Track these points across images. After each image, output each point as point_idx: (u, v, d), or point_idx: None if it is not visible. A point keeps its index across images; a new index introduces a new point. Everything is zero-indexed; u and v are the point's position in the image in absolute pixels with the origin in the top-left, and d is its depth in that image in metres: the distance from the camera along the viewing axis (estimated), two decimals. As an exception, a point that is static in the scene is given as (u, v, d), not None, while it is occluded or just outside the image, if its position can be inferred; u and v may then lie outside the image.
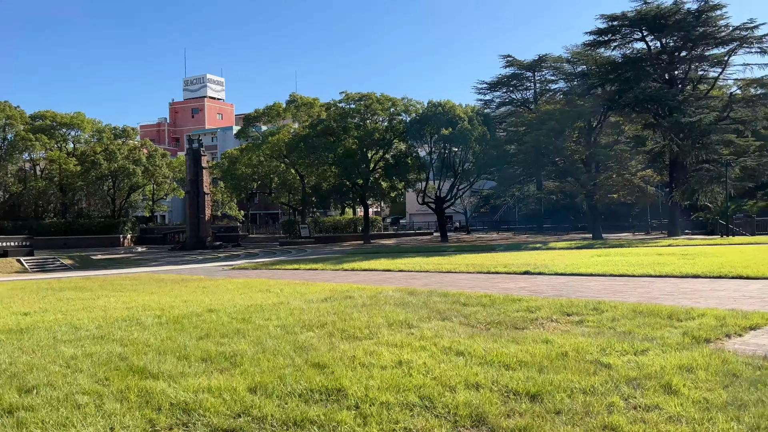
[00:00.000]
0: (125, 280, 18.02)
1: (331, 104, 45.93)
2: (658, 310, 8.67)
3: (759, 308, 9.16)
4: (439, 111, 43.62)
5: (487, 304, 10.05)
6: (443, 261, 21.76)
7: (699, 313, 8.36)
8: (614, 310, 8.84)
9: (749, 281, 13.09)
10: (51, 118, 56.14)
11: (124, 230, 58.47)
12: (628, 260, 18.82)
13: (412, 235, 57.41)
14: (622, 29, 43.18)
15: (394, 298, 10.87)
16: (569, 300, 10.13)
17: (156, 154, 59.80)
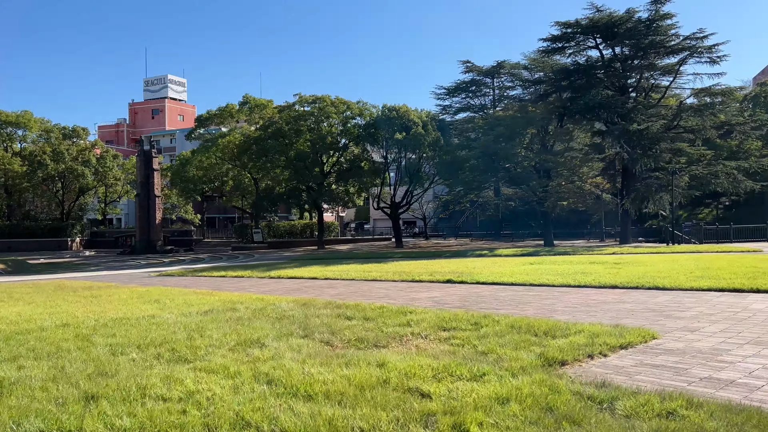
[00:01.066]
0: (25, 287, 16.95)
1: (285, 106, 45.07)
2: (538, 325, 8.11)
3: (648, 324, 8.69)
4: (393, 115, 43.12)
5: (372, 317, 9.41)
6: (376, 268, 21.11)
7: (578, 329, 7.82)
8: (494, 326, 8.26)
9: (661, 292, 12.73)
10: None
11: (73, 233, 56.66)
12: (557, 269, 18.42)
13: (370, 240, 56.76)
14: (576, 36, 43.24)
15: (277, 311, 10.16)
16: (460, 313, 9.53)
17: (107, 155, 58.16)
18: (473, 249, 35.57)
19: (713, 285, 13.06)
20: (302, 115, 43.30)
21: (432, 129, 43.75)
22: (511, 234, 57.78)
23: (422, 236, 62.12)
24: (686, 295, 12.13)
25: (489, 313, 9.35)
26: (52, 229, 55.65)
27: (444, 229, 71.99)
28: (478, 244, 47.14)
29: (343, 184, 44.28)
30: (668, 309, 10.28)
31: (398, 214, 46.67)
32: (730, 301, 11.06)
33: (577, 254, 27.77)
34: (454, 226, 71.94)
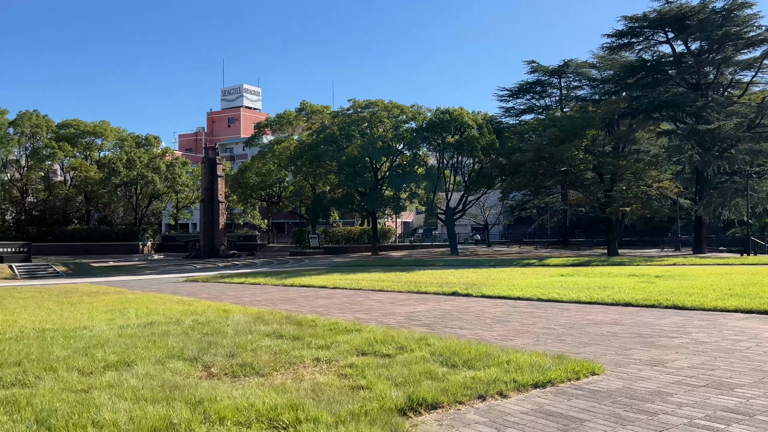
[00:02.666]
0: (28, 292, 17.21)
1: (339, 112, 44.89)
2: (467, 353, 6.94)
3: (616, 353, 7.33)
4: (446, 118, 41.90)
5: (303, 336, 8.53)
6: (392, 278, 20.13)
7: (505, 359, 6.59)
8: (418, 351, 7.17)
9: (675, 312, 11.08)
10: (75, 126, 57.47)
11: (144, 238, 59.03)
12: (582, 282, 16.74)
13: (429, 247, 55.49)
14: (644, 31, 40.41)
15: (215, 326, 9.48)
16: (401, 334, 8.45)
17: (177, 162, 60.29)
18: (524, 258, 33.70)
19: (742, 305, 11.21)
20: (355, 121, 42.90)
21: (488, 132, 42.16)
22: (580, 242, 54.84)
23: (484, 243, 60.15)
24: (700, 317, 10.44)
25: (428, 335, 8.21)
26: (125, 234, 58.23)
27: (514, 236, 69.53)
28: (539, 252, 44.86)
29: (396, 190, 43.43)
30: (660, 334, 8.75)
31: (453, 220, 45.22)
32: (745, 327, 9.32)
33: (629, 265, 25.53)
34: (524, 233, 69.40)
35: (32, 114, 55.92)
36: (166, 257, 54.57)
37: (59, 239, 55.61)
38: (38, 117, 56.18)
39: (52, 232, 55.89)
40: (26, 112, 55.66)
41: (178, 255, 55.76)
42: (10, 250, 37.02)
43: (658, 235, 53.83)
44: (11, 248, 37.33)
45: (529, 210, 57.89)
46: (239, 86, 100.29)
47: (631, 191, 35.16)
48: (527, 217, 67.20)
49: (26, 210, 58.70)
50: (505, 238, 70.88)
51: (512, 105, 55.09)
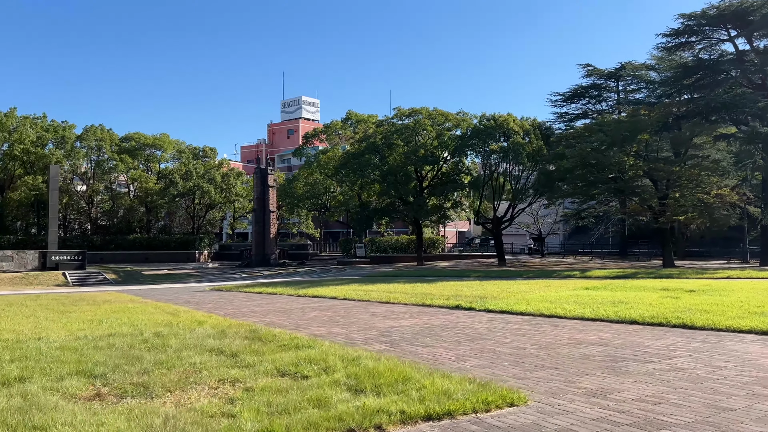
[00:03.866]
0: (44, 300, 17.63)
1: (383, 120, 44.59)
2: (388, 375, 6.30)
3: (566, 379, 6.49)
4: (491, 125, 40.80)
5: (243, 352, 8.10)
6: (410, 290, 19.47)
7: (425, 384, 5.92)
8: (344, 371, 6.58)
9: (676, 331, 9.96)
10: (137, 139, 59.82)
11: (201, 246, 60.59)
12: (603, 296, 15.54)
13: (479, 257, 54.16)
14: (702, 29, 38.00)
15: (166, 340, 9.17)
16: (347, 352, 7.87)
17: (232, 173, 61.68)
18: (569, 269, 32.12)
19: (759, 326, 9.95)
20: (398, 129, 42.44)
21: (535, 138, 40.74)
22: (639, 252, 52.07)
23: (539, 254, 58.13)
24: (702, 338, 9.34)
25: (363, 356, 7.57)
26: (182, 242, 59.97)
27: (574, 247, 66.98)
28: (592, 263, 42.79)
29: (440, 199, 42.60)
30: (637, 358, 7.79)
31: (501, 230, 43.86)
32: (746, 351, 8.20)
33: (676, 278, 23.73)
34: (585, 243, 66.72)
35: (97, 128, 58.64)
36: (220, 266, 55.74)
37: (121, 248, 57.87)
38: (102, 131, 58.85)
39: (115, 240, 58.23)
40: (92, 126, 58.43)
41: (233, 264, 56.85)
42: (66, 258, 38.65)
43: (727, 245, 50.41)
44: (67, 256, 38.96)
45: (586, 219, 55.59)
46: (298, 98, 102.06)
47: (686, 199, 32.94)
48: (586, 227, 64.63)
49: (92, 220, 61.50)
50: (563, 248, 68.47)
51: (566, 110, 53.23)
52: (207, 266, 54.82)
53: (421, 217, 41.16)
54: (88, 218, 61.29)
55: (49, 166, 42.69)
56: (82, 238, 57.55)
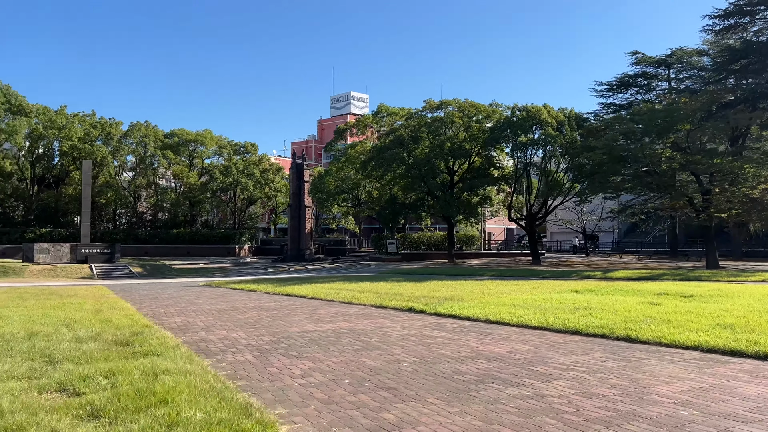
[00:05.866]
0: (47, 293, 17.55)
1: (413, 113, 43.29)
2: (159, 396, 5.33)
3: (373, 408, 5.35)
4: (522, 116, 38.86)
5: (72, 357, 7.31)
6: (388, 289, 18.37)
7: (182, 411, 4.91)
8: (133, 386, 5.65)
9: (613, 344, 8.49)
10: (180, 135, 60.96)
11: (241, 241, 61.19)
12: (580, 301, 13.96)
13: (517, 254, 52.09)
14: (756, 8, 34.80)
15: (25, 339, 8.53)
16: (168, 367, 6.96)
17: (271, 168, 61.93)
18: (593, 270, 30.01)
19: (710, 342, 8.35)
20: (426, 122, 41.10)
21: (570, 130, 38.51)
22: (691, 252, 48.60)
23: (583, 252, 55.34)
24: (627, 354, 7.90)
25: (170, 370, 6.62)
26: (223, 237, 60.75)
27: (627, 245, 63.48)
28: (634, 263, 40.07)
29: (470, 194, 40.93)
30: (513, 381, 6.55)
31: (534, 227, 41.77)
32: (656, 373, 6.76)
33: (705, 281, 21.55)
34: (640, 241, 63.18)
35: (142, 125, 60.12)
36: (258, 260, 56.05)
37: (165, 242, 59.16)
38: (147, 127, 60.28)
39: (159, 234, 59.59)
40: (137, 122, 59.96)
41: (270, 258, 57.12)
42: (95, 251, 39.58)
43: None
44: (97, 249, 39.90)
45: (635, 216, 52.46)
46: (347, 94, 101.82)
47: (729, 194, 30.07)
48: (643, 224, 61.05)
49: (138, 214, 63.21)
50: (615, 246, 65.04)
51: (611, 101, 50.32)
52: (244, 261, 55.19)
53: (449, 213, 39.67)
54: (134, 212, 63.03)
55: (82, 161, 43.86)
56: (128, 232, 59.21)
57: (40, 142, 55.55)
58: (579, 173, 36.41)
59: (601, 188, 35.24)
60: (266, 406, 5.35)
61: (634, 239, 65.39)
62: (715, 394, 5.88)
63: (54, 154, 58.92)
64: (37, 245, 39.31)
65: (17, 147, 54.34)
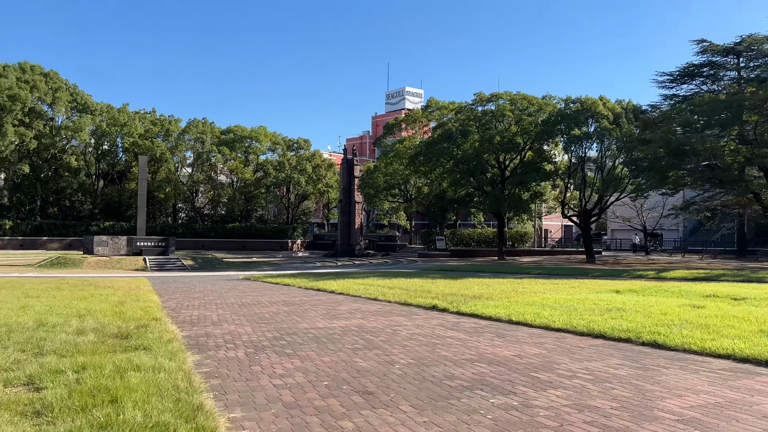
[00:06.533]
0: (85, 284, 18.02)
1: (463, 106, 42.43)
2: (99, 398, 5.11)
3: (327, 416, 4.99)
4: (576, 108, 37.45)
5: (57, 350, 7.24)
6: (418, 286, 17.90)
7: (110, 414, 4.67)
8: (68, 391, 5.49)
9: (636, 349, 7.77)
10: (236, 132, 62.17)
11: (294, 236, 61.90)
12: (618, 302, 13.09)
13: (572, 253, 50.33)
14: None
15: (32, 329, 8.58)
16: (158, 363, 6.79)
17: (323, 164, 62.29)
18: (647, 269, 28.51)
19: (744, 350, 7.52)
20: (476, 116, 40.20)
21: (627, 123, 36.80)
22: (760, 252, 45.72)
23: (642, 251, 52.96)
24: (647, 361, 7.22)
25: (144, 365, 6.40)
26: (277, 231, 61.63)
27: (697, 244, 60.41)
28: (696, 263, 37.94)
29: (520, 189, 39.71)
30: (505, 389, 6.01)
31: (589, 224, 40.15)
32: (670, 384, 6.07)
33: (747, 282, 20.04)
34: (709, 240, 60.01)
35: (199, 121, 61.69)
36: (309, 255, 56.50)
37: (221, 235, 60.56)
38: (204, 124, 61.81)
39: (216, 228, 61.04)
40: (194, 119, 61.60)
41: (321, 253, 57.49)
42: (150, 244, 40.72)
43: None
44: (151, 242, 41.04)
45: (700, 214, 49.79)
46: (402, 89, 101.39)
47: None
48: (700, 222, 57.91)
49: (196, 208, 64.94)
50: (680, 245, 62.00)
51: (675, 92, 47.86)
52: (296, 255, 55.76)
53: (499, 209, 38.67)
54: (192, 207, 64.79)
55: (138, 156, 45.23)
56: (186, 226, 60.92)
57: (104, 139, 57.84)
58: (635, 168, 34.74)
59: (659, 183, 33.49)
60: (223, 409, 5.04)
61: (699, 238, 62.16)
62: (729, 411, 5.17)
63: (117, 150, 61.27)
64: (97, 238, 40.78)
65: (83, 143, 56.76)
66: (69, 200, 60.18)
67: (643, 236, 52.60)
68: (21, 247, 51.24)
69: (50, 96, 51.72)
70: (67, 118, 55.19)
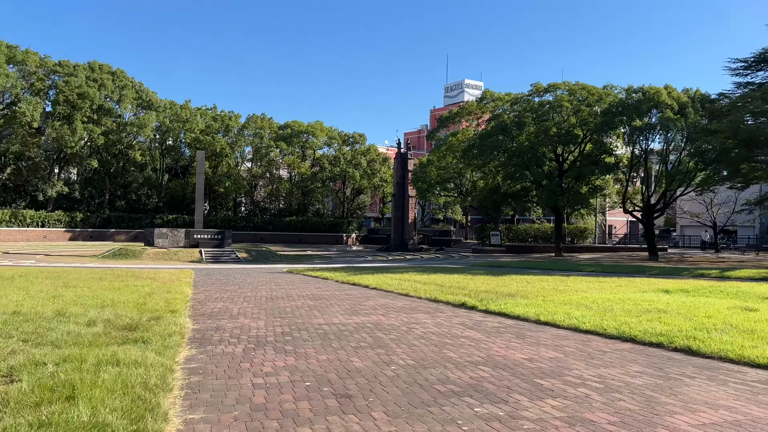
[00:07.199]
0: (129, 274, 18.50)
1: (518, 98, 41.15)
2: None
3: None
4: (638, 98, 35.65)
5: (52, 341, 7.25)
6: (449, 282, 17.36)
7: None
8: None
9: (665, 355, 7.10)
10: (293, 126, 62.89)
11: (349, 230, 62.16)
12: (659, 302, 12.17)
13: (636, 249, 48.17)
14: None
15: (48, 318, 8.69)
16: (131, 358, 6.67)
17: (378, 158, 62.16)
18: (711, 268, 26.78)
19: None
20: (532, 107, 38.90)
21: (693, 112, 34.73)
22: None
23: (712, 248, 50.06)
24: (670, 369, 6.55)
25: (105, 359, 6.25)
26: (332, 225, 62.06)
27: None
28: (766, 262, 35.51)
29: (578, 183, 38.16)
30: (499, 397, 5.51)
31: (652, 219, 38.19)
32: (687, 397, 5.43)
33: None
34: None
35: (258, 117, 62.79)
36: (363, 248, 56.63)
37: (279, 229, 61.54)
38: (263, 119, 62.86)
39: (273, 222, 62.07)
40: (253, 115, 62.71)
41: (374, 247, 57.50)
42: (206, 237, 41.69)
43: None
44: (208, 235, 41.99)
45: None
46: (461, 82, 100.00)
47: None
48: None
49: (254, 202, 66.22)
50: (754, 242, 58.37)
51: (750, 79, 44.82)
52: (350, 249, 55.97)
53: (554, 204, 37.31)
54: (251, 201, 66.10)
55: (196, 151, 46.36)
56: (246, 219, 62.21)
57: (168, 134, 59.74)
58: (701, 160, 32.74)
59: (728, 176, 31.45)
60: (185, 410, 4.81)
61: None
62: None
63: (181, 145, 63.16)
64: (157, 230, 42.12)
65: (148, 139, 58.85)
66: (135, 194, 62.56)
67: (713, 233, 49.70)
68: (91, 238, 53.69)
69: (117, 93, 53.79)
70: (134, 114, 57.31)
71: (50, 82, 52.26)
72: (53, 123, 50.29)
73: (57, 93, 51.14)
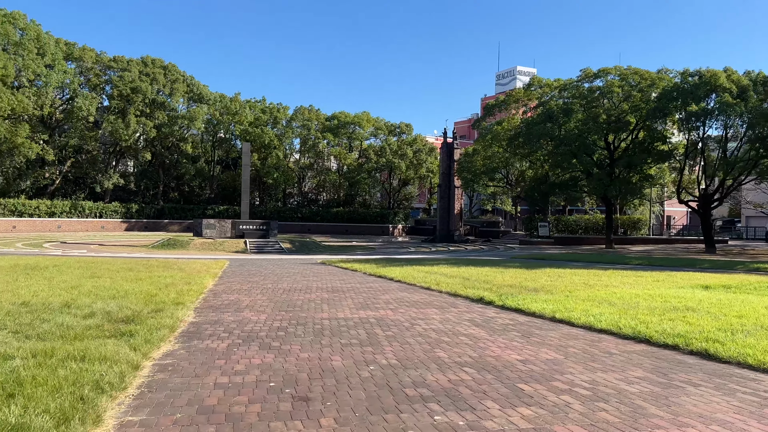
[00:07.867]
0: (161, 264, 18.82)
1: (567, 84, 39.72)
2: None
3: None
4: (693, 82, 33.79)
5: (42, 333, 7.25)
6: (475, 275, 16.81)
7: None
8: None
9: (679, 359, 6.52)
10: (340, 118, 62.97)
11: (395, 221, 61.92)
12: (694, 299, 11.35)
13: (693, 242, 45.93)
14: None
15: (56, 310, 8.77)
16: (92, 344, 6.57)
17: (424, 149, 61.53)
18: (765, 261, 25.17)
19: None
20: (582, 93, 37.49)
21: (754, 96, 32.67)
22: None
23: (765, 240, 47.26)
24: (677, 377, 5.92)
25: (91, 354, 6.13)
26: (378, 216, 61.95)
27: None
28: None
29: (630, 171, 36.57)
30: (490, 403, 5.11)
31: (710, 210, 36.23)
32: (690, 409, 4.88)
33: None
34: None
35: (306, 108, 63.18)
36: (409, 240, 56.31)
37: (326, 220, 61.94)
38: (311, 111, 63.20)
39: (320, 213, 62.53)
40: (301, 107, 63.14)
41: (422, 238, 57.09)
42: (252, 228, 42.28)
43: None
44: (253, 226, 42.56)
45: None
46: (513, 69, 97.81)
47: None
48: None
49: (302, 193, 66.81)
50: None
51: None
52: (395, 240, 55.73)
53: (603, 193, 35.88)
54: (300, 192, 66.72)
55: (242, 143, 46.93)
56: (294, 210, 62.90)
57: (218, 127, 60.90)
58: (762, 147, 30.75)
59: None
60: (127, 412, 4.64)
61: None
62: (733, 455, 3.97)
63: (231, 137, 64.29)
64: (205, 221, 43.01)
65: (199, 132, 60.16)
66: (188, 185, 64.12)
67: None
68: (145, 228, 55.46)
69: (168, 87, 55.11)
70: (185, 107, 58.64)
71: (106, 77, 54.04)
72: (108, 117, 52.00)
73: (112, 88, 52.85)
